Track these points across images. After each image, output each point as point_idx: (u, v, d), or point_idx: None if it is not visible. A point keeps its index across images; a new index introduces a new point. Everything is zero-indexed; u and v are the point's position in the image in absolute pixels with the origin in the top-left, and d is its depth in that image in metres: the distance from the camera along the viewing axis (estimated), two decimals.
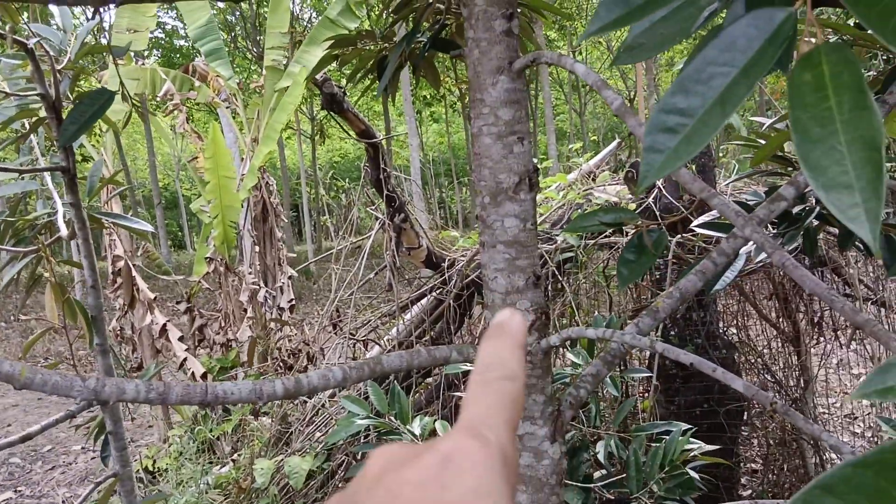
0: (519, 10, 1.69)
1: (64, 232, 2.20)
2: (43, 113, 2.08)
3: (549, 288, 3.47)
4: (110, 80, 5.15)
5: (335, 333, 3.86)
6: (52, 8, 2.26)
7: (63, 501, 4.93)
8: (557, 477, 1.59)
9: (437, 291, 3.76)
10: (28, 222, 2.39)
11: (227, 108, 6.00)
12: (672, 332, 3.41)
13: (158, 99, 5.67)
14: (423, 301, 3.87)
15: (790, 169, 2.00)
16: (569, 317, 3.88)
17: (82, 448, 6.05)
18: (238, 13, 16.94)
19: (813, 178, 0.49)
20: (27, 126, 2.36)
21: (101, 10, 1.75)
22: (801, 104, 0.52)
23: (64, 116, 2.03)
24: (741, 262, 1.77)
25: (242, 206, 5.62)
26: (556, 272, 3.36)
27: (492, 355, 0.45)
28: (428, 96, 22.64)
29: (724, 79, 0.60)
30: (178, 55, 20.33)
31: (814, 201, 1.83)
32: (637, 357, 4.00)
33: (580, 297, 3.67)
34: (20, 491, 5.16)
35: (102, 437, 2.21)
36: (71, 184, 1.98)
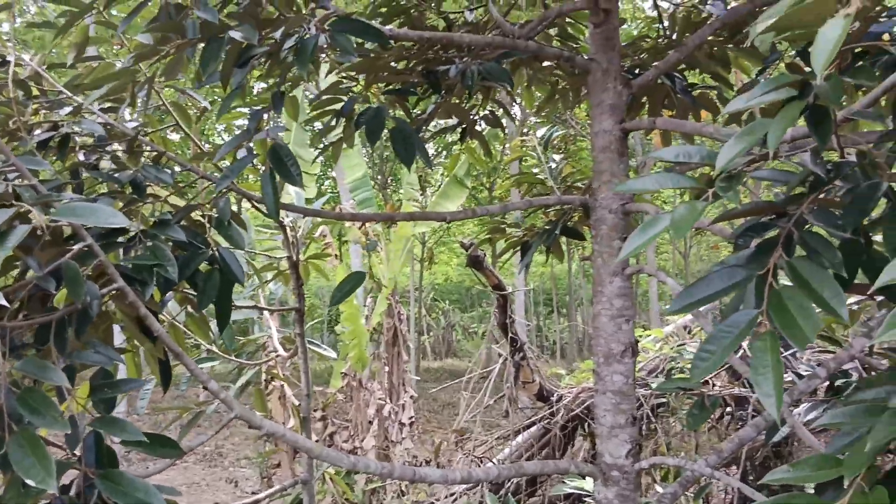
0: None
1: (283, 353, 3.03)
2: (283, 266, 2.94)
3: (644, 428, 4.01)
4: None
5: (458, 449, 4.49)
6: (291, 190, 3.20)
7: None
8: None
9: (546, 421, 4.36)
10: (251, 341, 3.23)
11: (367, 245, 7.05)
12: (751, 477, 3.87)
13: (316, 237, 6.74)
14: (533, 429, 4.47)
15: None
16: (660, 455, 4.38)
17: None
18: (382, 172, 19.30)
19: None
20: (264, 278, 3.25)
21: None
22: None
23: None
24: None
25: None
26: (651, 415, 3.92)
27: None
28: None
29: (728, 338, 1.29)
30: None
31: None
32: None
33: (670, 437, 4.19)
34: None
35: None
36: (300, 320, 2.79)
